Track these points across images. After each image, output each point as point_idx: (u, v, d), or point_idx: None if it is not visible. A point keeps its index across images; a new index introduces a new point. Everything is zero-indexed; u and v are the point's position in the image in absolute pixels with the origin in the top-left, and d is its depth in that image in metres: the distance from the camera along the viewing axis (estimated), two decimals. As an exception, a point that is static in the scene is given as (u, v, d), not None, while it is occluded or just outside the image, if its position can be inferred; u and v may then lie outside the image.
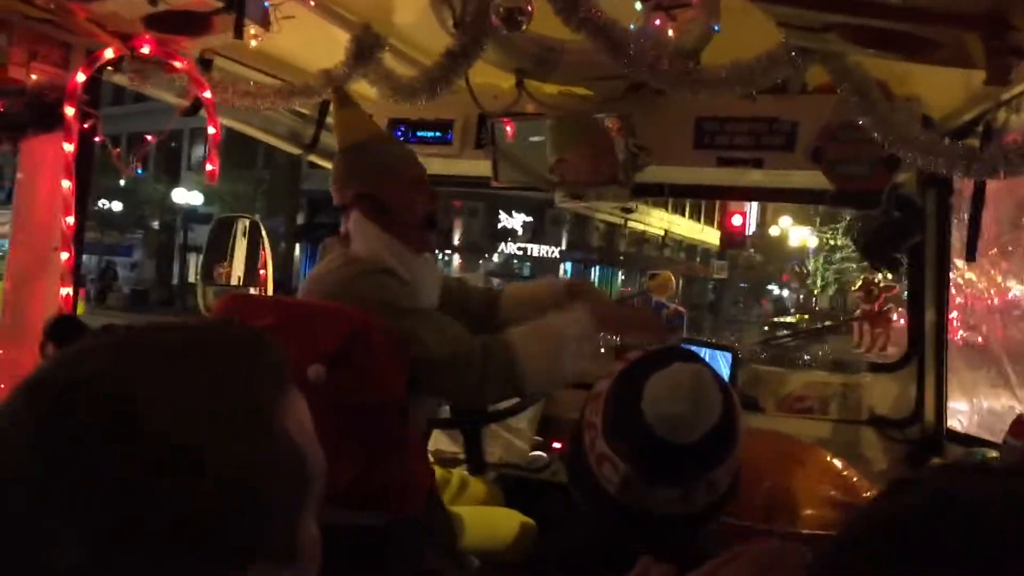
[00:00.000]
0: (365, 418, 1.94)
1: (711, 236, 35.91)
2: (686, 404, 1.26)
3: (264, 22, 2.35)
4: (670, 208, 35.50)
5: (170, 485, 0.64)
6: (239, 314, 2.00)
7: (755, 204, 32.51)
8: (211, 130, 2.55)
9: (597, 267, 33.62)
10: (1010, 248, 2.88)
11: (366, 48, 2.55)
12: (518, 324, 2.20)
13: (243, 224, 3.72)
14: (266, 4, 2.34)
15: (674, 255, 37.02)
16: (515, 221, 28.62)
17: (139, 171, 2.82)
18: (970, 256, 2.54)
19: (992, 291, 3.11)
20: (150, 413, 0.65)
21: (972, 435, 2.88)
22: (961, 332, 3.17)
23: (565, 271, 30.95)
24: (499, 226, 28.67)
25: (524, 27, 2.11)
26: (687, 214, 37.90)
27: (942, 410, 3.02)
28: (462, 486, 2.84)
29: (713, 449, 1.28)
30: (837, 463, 2.34)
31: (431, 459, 3.08)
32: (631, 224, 33.08)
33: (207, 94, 2.52)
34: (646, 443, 1.26)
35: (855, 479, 2.27)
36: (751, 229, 32.03)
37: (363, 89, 2.79)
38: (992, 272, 3.06)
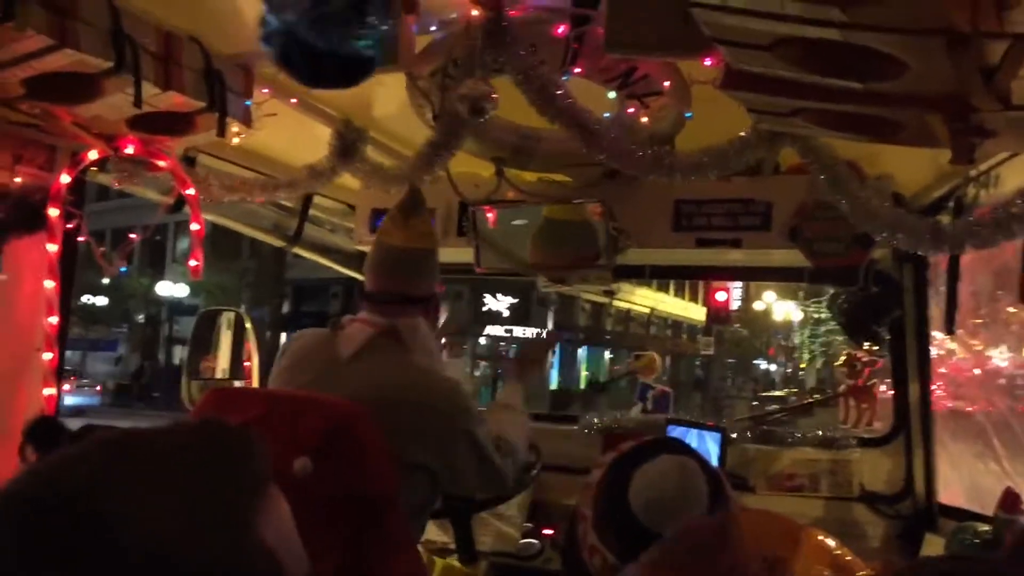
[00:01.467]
0: (355, 512, 1.91)
1: (696, 312, 36.00)
2: (672, 499, 1.26)
3: (246, 120, 2.40)
4: (655, 286, 35.69)
5: None
6: (226, 407, 1.98)
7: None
8: (194, 226, 2.58)
9: (584, 347, 33.59)
10: (989, 321, 2.92)
11: (349, 142, 2.60)
12: None
13: (228, 317, 3.72)
14: (248, 103, 2.39)
15: (660, 332, 37.07)
16: (500, 304, 28.65)
17: (122, 269, 2.83)
18: (948, 329, 2.57)
19: (973, 363, 3.14)
20: (126, 531, 0.65)
21: (964, 509, 2.86)
22: (948, 403, 3.18)
23: (553, 352, 30.80)
24: (484, 309, 28.69)
25: (488, 115, 2.16)
26: (672, 292, 38.08)
27: (932, 483, 3.01)
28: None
29: None
30: (830, 542, 2.32)
31: (421, 550, 3.04)
32: (617, 303, 33.19)
33: (190, 191, 2.55)
34: (633, 534, 1.25)
35: (848, 558, 2.25)
36: (736, 305, 32.16)
37: (344, 180, 2.84)
38: (973, 343, 3.09)
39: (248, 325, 3.67)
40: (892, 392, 3.18)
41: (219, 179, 2.70)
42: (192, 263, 2.57)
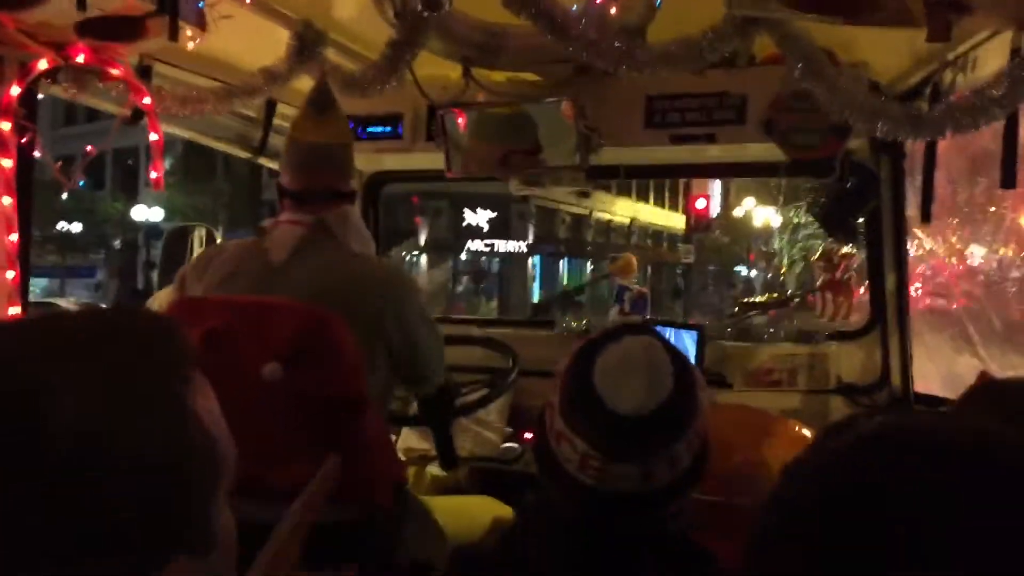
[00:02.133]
0: (327, 414, 1.91)
1: (677, 221, 36.03)
2: (636, 375, 1.23)
3: (200, 23, 2.30)
4: (635, 196, 35.62)
5: (82, 480, 0.62)
6: (190, 317, 1.96)
7: (718, 187, 32.75)
8: (153, 136, 2.50)
9: (565, 259, 33.66)
10: (966, 209, 2.90)
11: (308, 44, 2.52)
12: None
13: (199, 234, 3.66)
14: (200, 4, 2.29)
15: (641, 242, 37.11)
16: (480, 218, 28.52)
17: (81, 183, 2.76)
18: (925, 218, 2.55)
19: (952, 258, 3.14)
20: (56, 408, 0.63)
21: (939, 396, 2.89)
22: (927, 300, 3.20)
23: (533, 265, 30.95)
24: (464, 224, 28.58)
25: (445, 8, 2.08)
26: (652, 201, 38.02)
27: (908, 373, 3.04)
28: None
29: (669, 423, 1.24)
30: (807, 433, 2.33)
31: (403, 457, 3.06)
32: (597, 214, 33.14)
33: (147, 100, 2.46)
34: (599, 418, 1.24)
35: (825, 447, 2.27)
36: (715, 212, 32.20)
37: (307, 86, 2.75)
38: (952, 241, 3.09)
39: (219, 241, 3.62)
40: (868, 286, 3.19)
41: (176, 88, 2.61)
42: (153, 175, 2.50)
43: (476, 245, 29.11)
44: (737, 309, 3.92)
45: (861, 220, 3.09)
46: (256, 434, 1.82)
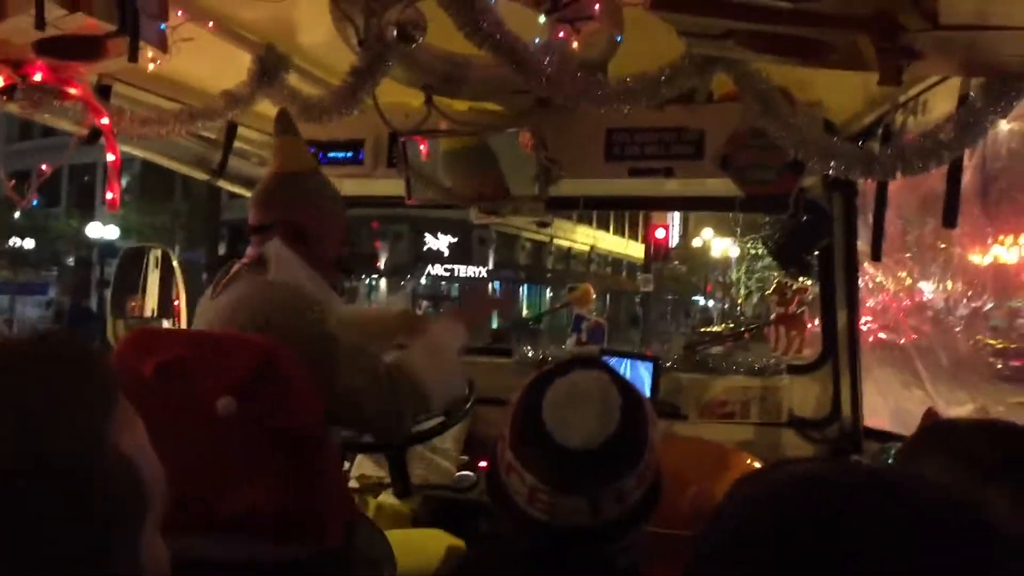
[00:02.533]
0: (280, 449, 1.89)
1: (636, 250, 36.33)
2: (584, 409, 1.24)
3: (161, 45, 2.28)
4: (595, 224, 35.86)
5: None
6: (146, 348, 1.93)
7: (677, 217, 33.11)
8: (110, 157, 2.47)
9: (525, 285, 33.73)
10: (915, 249, 2.96)
11: (270, 68, 2.52)
12: None
13: (154, 255, 3.62)
14: (162, 26, 2.27)
15: (600, 270, 37.33)
16: (440, 242, 28.54)
17: (34, 202, 2.72)
18: (875, 256, 2.60)
19: (902, 294, 3.20)
20: None
21: (888, 431, 2.94)
22: (880, 334, 3.25)
23: (494, 290, 30.96)
24: (424, 248, 28.56)
25: (418, 41, 2.10)
26: (612, 230, 38.31)
27: (858, 408, 3.08)
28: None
29: (617, 457, 1.24)
30: (758, 466, 2.36)
31: (356, 485, 3.03)
32: (557, 241, 33.30)
33: (105, 120, 2.44)
34: (548, 451, 1.24)
35: (776, 480, 2.29)
36: (674, 242, 32.52)
37: (268, 110, 2.74)
38: (902, 276, 3.15)
39: (175, 263, 3.58)
40: (820, 321, 3.24)
41: (135, 109, 2.59)
42: (109, 195, 2.47)
43: (436, 270, 29.09)
44: (694, 339, 3.95)
45: (815, 255, 3.14)
46: (209, 466, 1.81)
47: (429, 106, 2.74)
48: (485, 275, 30.04)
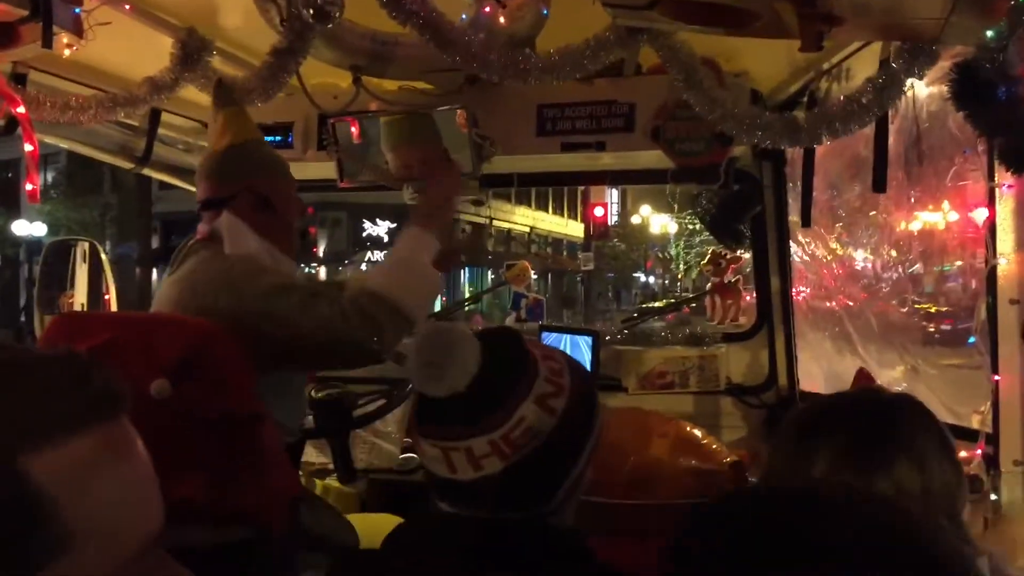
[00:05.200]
0: (219, 431, 1.86)
1: (576, 230, 36.48)
2: (430, 355, 1.24)
3: (76, 30, 2.21)
4: (534, 205, 35.90)
5: None
6: (73, 334, 1.88)
7: (616, 195, 33.28)
8: (28, 147, 2.40)
9: (466, 268, 33.67)
10: (842, 212, 3.02)
11: (192, 52, 2.46)
12: None
13: (82, 248, 3.54)
14: (77, 11, 2.20)
15: (541, 251, 37.42)
16: (380, 228, 28.31)
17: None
18: (805, 222, 2.64)
19: (834, 262, 3.26)
20: None
21: (822, 394, 3.00)
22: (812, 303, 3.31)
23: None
24: (364, 234, 28.31)
25: (336, 19, 2.07)
26: (551, 210, 38.38)
27: (793, 373, 3.14)
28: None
29: (466, 411, 1.23)
30: (697, 433, 2.39)
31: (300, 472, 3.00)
32: (497, 223, 33.27)
33: (20, 109, 2.36)
34: (422, 406, 1.27)
35: (714, 447, 2.33)
36: (613, 219, 32.72)
37: (194, 95, 2.69)
38: (833, 246, 3.21)
39: (103, 256, 3.51)
40: (754, 289, 3.29)
41: (52, 97, 2.51)
42: (28, 187, 2.40)
43: (377, 256, 28.88)
44: (636, 314, 3.99)
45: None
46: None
47: (357, 87, 2.71)
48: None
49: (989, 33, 1.48)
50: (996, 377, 1.97)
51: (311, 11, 2.01)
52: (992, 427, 1.95)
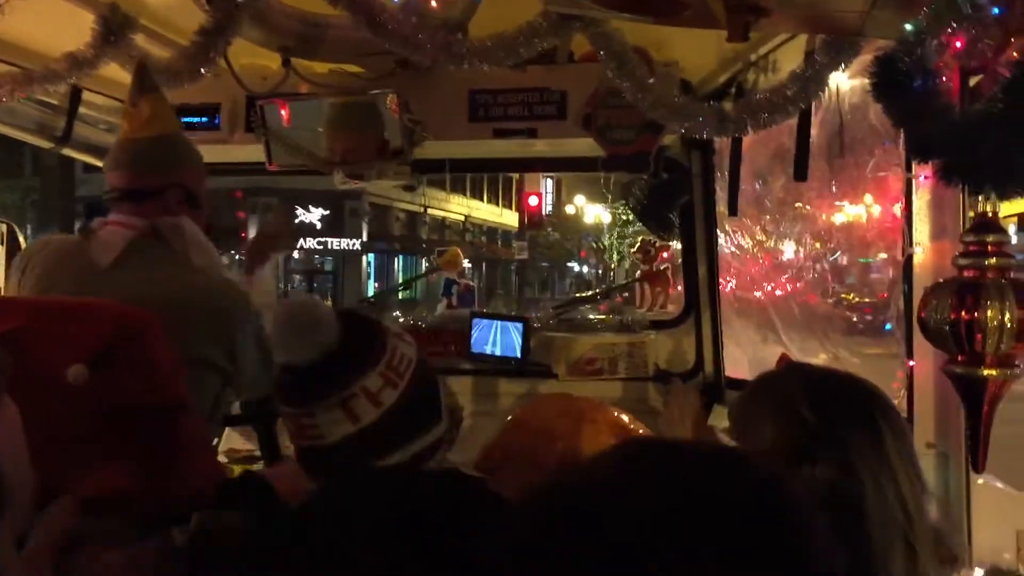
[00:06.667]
0: (142, 421, 1.81)
1: (511, 219, 36.54)
2: (280, 326, 1.35)
3: (-8, 3, 2.14)
4: (469, 193, 35.86)
5: None
6: (-16, 319, 1.82)
7: (551, 184, 33.41)
8: (-62, 124, 2.31)
9: (399, 256, 33.51)
10: (767, 202, 3.08)
11: (115, 29, 2.38)
12: None
13: (-1, 231, 3.42)
14: (-8, -17, 2.13)
15: (476, 239, 37.41)
16: (313, 215, 27.99)
17: None
18: (732, 211, 2.69)
19: (760, 254, 3.33)
20: None
21: (748, 380, 3.06)
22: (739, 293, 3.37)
23: (368, 263, 30.66)
24: (296, 221, 27.94)
25: None
26: (486, 199, 38.39)
27: (720, 360, 3.20)
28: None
29: (313, 380, 1.34)
30: (624, 418, 2.43)
31: (225, 460, 2.96)
32: (432, 212, 33.15)
33: (-69, 84, 2.27)
34: (281, 376, 1.39)
35: (640, 431, 2.37)
36: (548, 209, 32.85)
37: (116, 74, 2.61)
38: (760, 237, 3.27)
39: (22, 238, 3.40)
40: (682, 277, 3.34)
41: (-34, 72, 2.42)
42: (-60, 165, 2.31)
43: (309, 243, 28.53)
44: (568, 303, 4.01)
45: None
46: (62, 441, 1.72)
47: (287, 68, 2.67)
48: (359, 247, 29.67)
49: (908, 26, 1.52)
50: (911, 363, 2.03)
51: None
52: (907, 411, 2.02)
